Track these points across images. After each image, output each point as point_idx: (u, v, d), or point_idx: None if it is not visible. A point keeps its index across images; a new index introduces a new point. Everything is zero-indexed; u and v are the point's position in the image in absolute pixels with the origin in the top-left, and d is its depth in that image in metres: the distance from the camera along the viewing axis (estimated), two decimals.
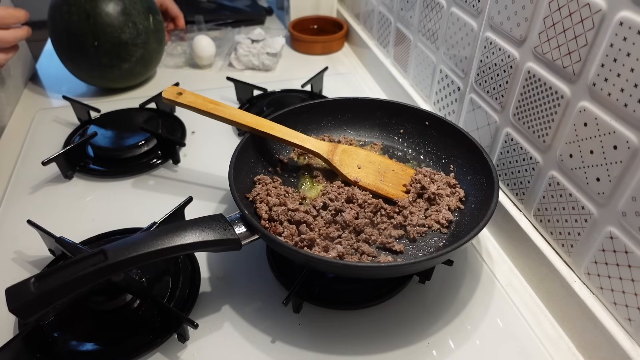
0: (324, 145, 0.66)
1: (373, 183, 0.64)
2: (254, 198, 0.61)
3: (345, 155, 0.66)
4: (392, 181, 0.65)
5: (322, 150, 0.66)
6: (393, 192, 0.63)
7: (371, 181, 0.64)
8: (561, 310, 0.54)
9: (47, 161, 0.71)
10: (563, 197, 0.53)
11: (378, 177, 0.65)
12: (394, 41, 0.93)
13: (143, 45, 0.88)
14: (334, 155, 0.66)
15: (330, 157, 0.65)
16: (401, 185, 0.65)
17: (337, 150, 0.66)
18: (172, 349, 0.52)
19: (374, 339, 0.53)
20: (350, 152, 0.67)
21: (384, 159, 0.68)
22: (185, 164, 0.78)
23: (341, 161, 0.66)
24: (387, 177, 0.65)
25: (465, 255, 0.63)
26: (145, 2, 0.89)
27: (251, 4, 1.32)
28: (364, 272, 0.52)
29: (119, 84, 0.95)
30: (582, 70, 0.48)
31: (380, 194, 0.63)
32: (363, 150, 0.68)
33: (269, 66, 1.06)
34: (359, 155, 0.67)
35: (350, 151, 0.67)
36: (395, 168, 0.67)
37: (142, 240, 0.45)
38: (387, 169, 0.66)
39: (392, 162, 0.68)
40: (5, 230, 0.66)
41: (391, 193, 0.63)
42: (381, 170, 0.66)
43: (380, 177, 0.65)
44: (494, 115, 0.64)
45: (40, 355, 0.49)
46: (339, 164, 0.65)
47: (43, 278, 0.42)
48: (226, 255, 0.62)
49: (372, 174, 0.65)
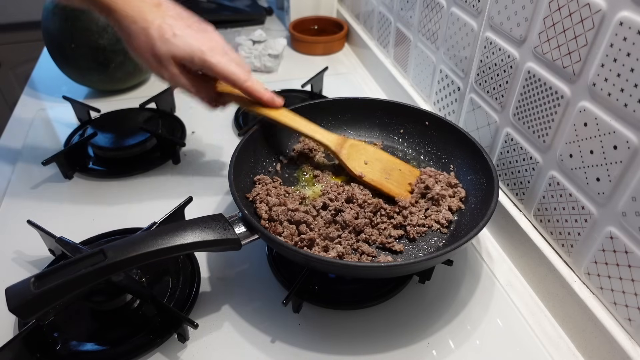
0: (333, 137, 0.66)
1: (377, 179, 0.64)
2: (254, 198, 0.61)
3: (354, 150, 0.66)
4: (397, 180, 0.65)
5: (331, 142, 0.65)
6: (397, 191, 0.63)
7: (376, 177, 0.64)
8: (561, 310, 0.54)
9: (47, 161, 0.71)
10: (563, 197, 0.53)
11: (383, 174, 0.65)
12: (394, 41, 0.93)
13: (123, 52, 0.86)
14: (342, 148, 0.65)
15: (339, 149, 0.65)
16: (406, 184, 0.65)
17: (346, 144, 0.66)
18: (172, 349, 0.52)
19: (374, 339, 0.53)
20: (358, 147, 0.67)
21: (391, 157, 0.68)
22: (185, 164, 0.78)
23: (348, 155, 0.65)
24: (393, 175, 0.65)
25: (465, 255, 0.63)
26: None
27: (251, 4, 1.32)
28: (364, 272, 0.52)
29: (103, 87, 0.95)
30: (582, 70, 0.48)
31: (384, 192, 0.63)
32: (371, 147, 0.68)
33: (270, 68, 1.05)
34: (367, 151, 0.67)
35: (359, 146, 0.67)
36: (402, 168, 0.67)
37: (141, 240, 0.45)
38: (393, 167, 0.66)
39: (400, 161, 0.68)
40: (5, 230, 0.66)
41: (395, 192, 0.63)
42: (387, 169, 0.66)
43: (386, 174, 0.65)
44: (494, 115, 0.64)
45: (40, 355, 0.49)
46: (346, 158, 0.65)
47: (43, 278, 0.42)
48: (226, 255, 0.62)
49: (378, 171, 0.65)
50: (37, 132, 0.85)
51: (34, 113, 0.90)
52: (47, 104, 0.93)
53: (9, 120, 0.88)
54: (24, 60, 1.55)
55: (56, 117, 0.89)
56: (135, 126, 0.80)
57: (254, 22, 1.27)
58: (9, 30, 1.56)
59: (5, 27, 1.55)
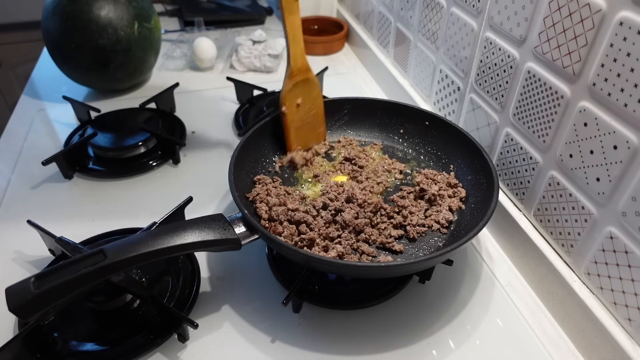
0: (299, 63, 0.66)
1: (289, 124, 0.67)
2: (254, 198, 0.61)
3: (300, 87, 0.67)
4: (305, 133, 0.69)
5: (293, 66, 0.65)
6: (292, 144, 0.68)
7: (293, 120, 0.67)
8: (561, 310, 0.54)
9: (47, 161, 0.71)
10: (563, 197, 0.53)
11: (302, 121, 0.68)
12: (394, 41, 0.93)
13: (124, 52, 0.86)
14: (295, 77, 0.66)
15: (293, 76, 0.66)
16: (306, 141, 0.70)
17: (301, 76, 0.66)
18: (172, 349, 0.52)
19: (373, 339, 0.53)
20: (308, 85, 0.67)
21: (321, 113, 0.70)
22: (185, 164, 0.78)
23: (292, 88, 0.66)
24: (303, 128, 0.69)
25: (465, 255, 0.63)
26: (134, 8, 0.87)
27: (251, 4, 1.32)
28: (364, 272, 0.52)
29: (103, 87, 0.95)
30: (582, 70, 0.48)
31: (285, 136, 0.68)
32: (317, 92, 0.69)
33: (270, 68, 1.05)
34: (310, 94, 0.68)
35: (309, 85, 0.67)
36: (320, 128, 0.71)
37: (141, 240, 0.45)
38: (314, 122, 0.70)
39: (322, 120, 0.71)
40: (5, 230, 0.66)
41: (290, 143, 0.68)
42: (307, 118, 0.69)
43: (301, 122, 0.68)
44: (494, 115, 0.64)
45: (40, 355, 0.49)
46: (287, 89, 0.66)
47: (43, 277, 0.42)
48: (226, 255, 0.62)
49: (301, 114, 0.68)
50: (37, 132, 0.85)
51: (34, 113, 0.90)
52: (47, 104, 0.93)
53: (9, 120, 0.88)
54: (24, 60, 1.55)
55: (56, 117, 0.89)
56: (135, 126, 0.80)
57: (254, 22, 1.27)
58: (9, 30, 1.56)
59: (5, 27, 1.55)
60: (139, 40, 0.88)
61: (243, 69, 1.06)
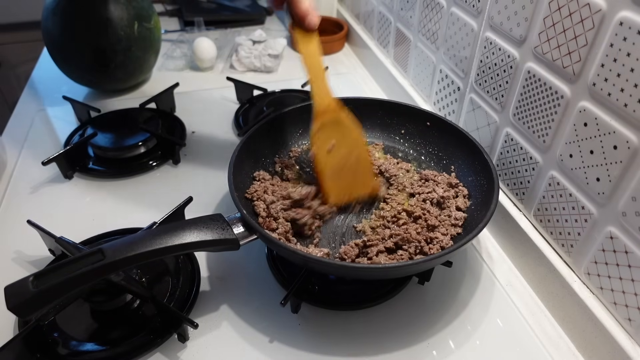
0: (326, 101, 0.59)
1: (322, 172, 0.60)
2: (252, 195, 0.61)
3: (330, 128, 0.60)
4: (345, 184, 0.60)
5: (319, 104, 0.58)
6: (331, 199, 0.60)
7: (326, 169, 0.60)
8: (561, 310, 0.54)
9: (47, 161, 0.71)
10: (563, 197, 0.53)
11: (337, 171, 0.60)
12: (394, 41, 0.93)
13: (123, 52, 0.86)
14: (323, 116, 0.59)
15: (320, 116, 0.59)
16: (346, 193, 0.61)
17: (328, 117, 0.59)
18: (172, 349, 0.51)
19: (373, 340, 0.53)
20: (339, 126, 0.60)
21: (365, 161, 0.62)
22: (185, 164, 0.78)
23: (321, 129, 0.60)
24: (344, 178, 0.60)
25: (465, 255, 0.63)
26: (134, 8, 0.86)
27: (251, 4, 1.32)
28: (363, 273, 0.52)
29: (103, 87, 0.95)
30: (582, 70, 0.47)
31: (320, 188, 0.60)
32: (355, 135, 0.62)
33: (270, 68, 1.05)
34: (344, 137, 0.60)
35: (341, 126, 0.60)
36: (365, 180, 0.62)
37: (140, 240, 0.45)
38: (355, 171, 0.61)
39: (369, 169, 0.63)
40: (5, 230, 0.66)
41: (327, 197, 0.60)
42: (346, 167, 0.60)
43: (339, 172, 0.60)
44: (494, 115, 0.64)
45: (40, 355, 0.49)
46: (315, 130, 0.59)
47: (42, 276, 0.41)
48: (226, 255, 0.62)
49: (335, 160, 0.60)
50: (37, 132, 0.85)
51: (34, 113, 0.90)
52: (47, 104, 0.93)
53: (9, 120, 0.88)
54: (24, 60, 1.55)
55: (56, 117, 0.89)
56: (135, 126, 0.80)
57: (254, 22, 1.27)
58: (9, 30, 1.56)
59: (5, 27, 1.55)
60: (139, 40, 0.88)
61: (243, 69, 1.06)
